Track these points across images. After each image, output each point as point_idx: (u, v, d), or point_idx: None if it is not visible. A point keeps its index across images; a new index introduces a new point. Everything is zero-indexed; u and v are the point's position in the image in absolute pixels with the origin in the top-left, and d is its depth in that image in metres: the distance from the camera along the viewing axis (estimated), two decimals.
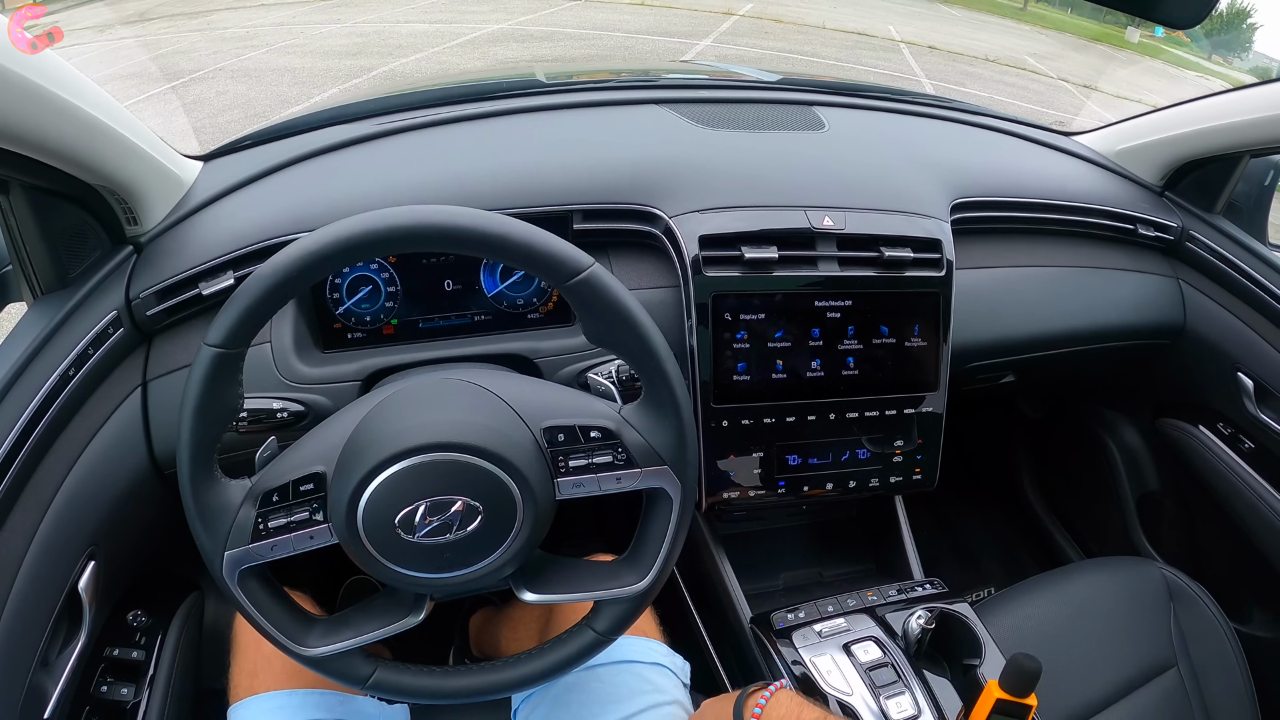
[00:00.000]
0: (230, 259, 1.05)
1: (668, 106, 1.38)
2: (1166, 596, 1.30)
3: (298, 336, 1.08)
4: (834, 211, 1.17)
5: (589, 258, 0.73)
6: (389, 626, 0.82)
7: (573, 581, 0.85)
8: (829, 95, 1.53)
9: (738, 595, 1.26)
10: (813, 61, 10.99)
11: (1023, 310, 1.35)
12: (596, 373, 1.08)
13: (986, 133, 1.56)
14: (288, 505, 0.75)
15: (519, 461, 0.74)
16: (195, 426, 0.73)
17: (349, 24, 11.35)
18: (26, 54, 0.77)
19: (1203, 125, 1.42)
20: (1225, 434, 1.50)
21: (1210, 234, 1.47)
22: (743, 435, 1.17)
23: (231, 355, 0.72)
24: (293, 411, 1.03)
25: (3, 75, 0.74)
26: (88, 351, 0.97)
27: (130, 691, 1.10)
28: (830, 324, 1.16)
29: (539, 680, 0.86)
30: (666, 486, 0.80)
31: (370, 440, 0.74)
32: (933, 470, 1.27)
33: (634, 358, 0.77)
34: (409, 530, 0.73)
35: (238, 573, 0.76)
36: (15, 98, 0.77)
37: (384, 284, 1.13)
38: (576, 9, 13.70)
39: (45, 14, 0.63)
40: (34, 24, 0.63)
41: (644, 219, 1.15)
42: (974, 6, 24.30)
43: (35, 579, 0.90)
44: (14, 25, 0.63)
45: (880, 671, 1.04)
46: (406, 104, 1.45)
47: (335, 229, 0.70)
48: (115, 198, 1.02)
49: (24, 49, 0.65)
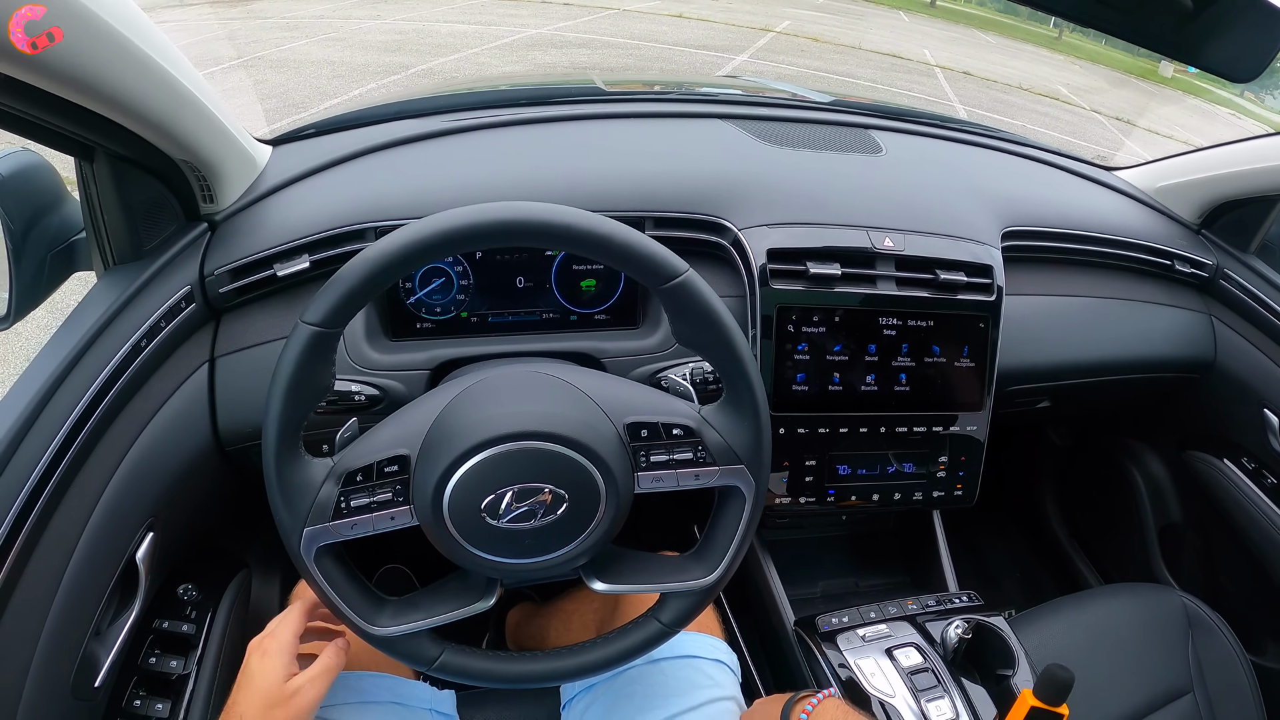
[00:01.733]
0: (306, 243, 1.07)
1: (731, 122, 1.41)
2: (1185, 624, 1.32)
3: (368, 323, 1.11)
4: (894, 233, 1.20)
5: (685, 263, 0.75)
6: (460, 610, 0.83)
7: (641, 573, 0.87)
8: (884, 119, 1.56)
9: (782, 599, 1.30)
10: (848, 82, 10.98)
11: (1062, 338, 1.38)
12: (675, 373, 1.11)
13: (1033, 163, 1.59)
14: (371, 485, 0.76)
15: (605, 454, 0.76)
16: (286, 402, 0.73)
17: (389, 20, 11.37)
18: (135, 19, 0.78)
19: (1241, 167, 1.45)
20: (1249, 468, 1.52)
21: (1244, 273, 1.49)
22: (798, 443, 1.20)
23: (329, 335, 0.72)
24: (369, 395, 1.05)
25: (117, 41, 0.76)
26: (160, 324, 0.98)
27: (179, 664, 1.11)
28: (885, 341, 1.19)
29: (603, 669, 0.87)
30: (741, 485, 0.82)
31: (459, 426, 0.76)
32: (973, 488, 1.30)
33: (720, 361, 0.79)
34: (494, 515, 0.75)
35: (315, 549, 0.77)
36: (125, 65, 0.78)
37: (457, 277, 1.15)
38: (615, 18, 13.69)
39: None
40: (34, 23, 0.63)
41: (713, 229, 1.19)
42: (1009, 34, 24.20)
43: (96, 546, 0.91)
44: (14, 25, 0.62)
45: (921, 676, 1.09)
46: (473, 103, 1.47)
47: (443, 218, 0.72)
48: (195, 174, 1.03)
49: (24, 49, 0.63)
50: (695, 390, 0.89)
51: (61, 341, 0.90)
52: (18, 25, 0.61)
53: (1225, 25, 0.70)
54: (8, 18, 0.61)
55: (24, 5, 0.60)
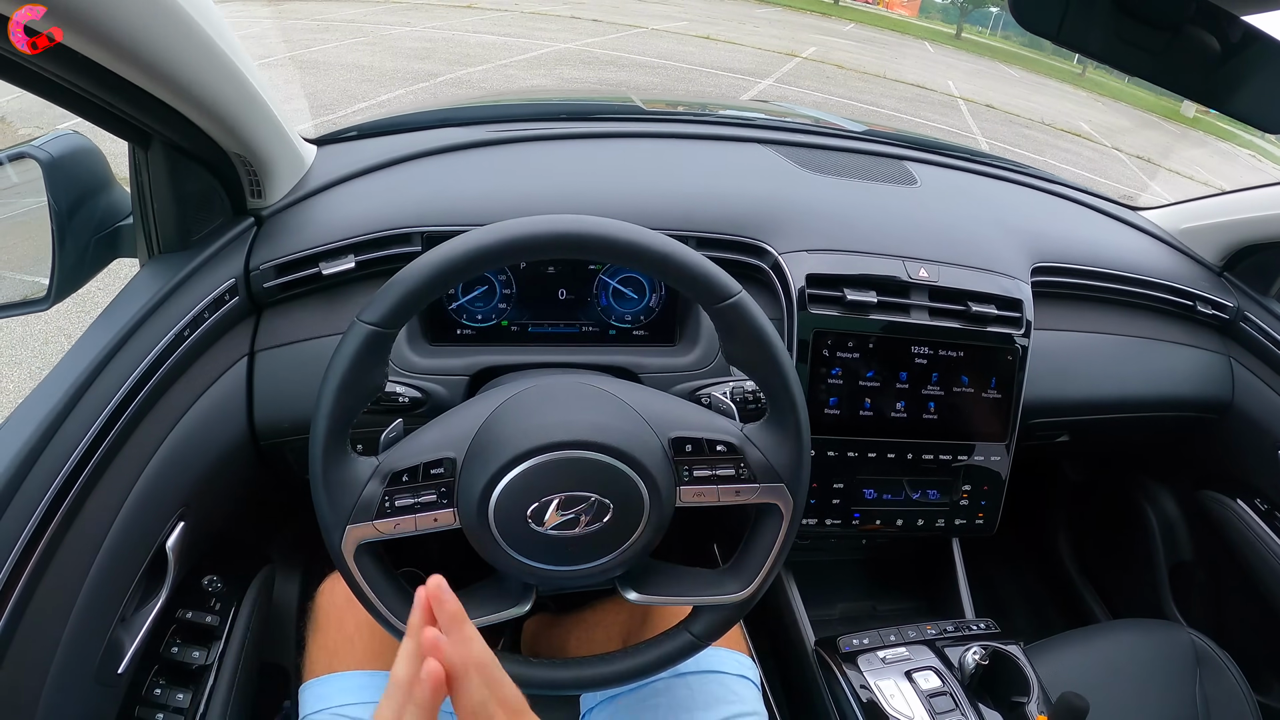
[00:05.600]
0: (352, 243, 1.08)
1: (769, 146, 1.43)
2: (1194, 662, 1.32)
3: (409, 327, 1.12)
4: (928, 264, 1.22)
5: (738, 284, 0.77)
6: (496, 614, 0.84)
7: (675, 586, 0.88)
8: (918, 151, 1.58)
9: (803, 619, 1.31)
10: (872, 110, 11.01)
11: (1085, 373, 1.39)
12: (718, 391, 1.12)
13: (1062, 200, 1.61)
14: (416, 487, 0.77)
15: (651, 466, 0.77)
16: (338, 399, 0.74)
17: (419, 28, 11.46)
18: (208, 10, 0.79)
19: (1264, 212, 1.47)
20: (1262, 510, 1.53)
21: (1264, 316, 1.51)
22: (827, 466, 1.22)
23: (385, 335, 0.73)
24: (412, 398, 1.07)
25: (188, 28, 0.77)
26: (203, 315, 0.99)
27: (201, 655, 1.12)
28: (916, 369, 1.21)
29: (633, 678, 0.88)
30: (780, 503, 0.83)
31: (508, 433, 0.77)
32: (994, 517, 1.32)
33: (767, 381, 0.81)
34: (539, 522, 0.76)
35: (356, 547, 0.77)
36: (196, 54, 0.79)
37: (500, 285, 1.16)
38: (643, 36, 13.77)
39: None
40: (34, 23, 0.62)
41: (754, 252, 1.20)
42: (1033, 68, 24.31)
43: (128, 532, 0.91)
44: (14, 25, 0.61)
45: (939, 699, 1.10)
46: (516, 115, 1.49)
47: (503, 228, 0.73)
48: (247, 168, 1.05)
49: (24, 49, 0.63)
50: (736, 409, 0.91)
51: (105, 326, 0.91)
52: (17, 25, 0.62)
53: (1253, 72, 0.70)
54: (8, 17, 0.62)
55: (25, 5, 0.60)
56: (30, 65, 0.71)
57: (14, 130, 5.31)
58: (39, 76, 0.74)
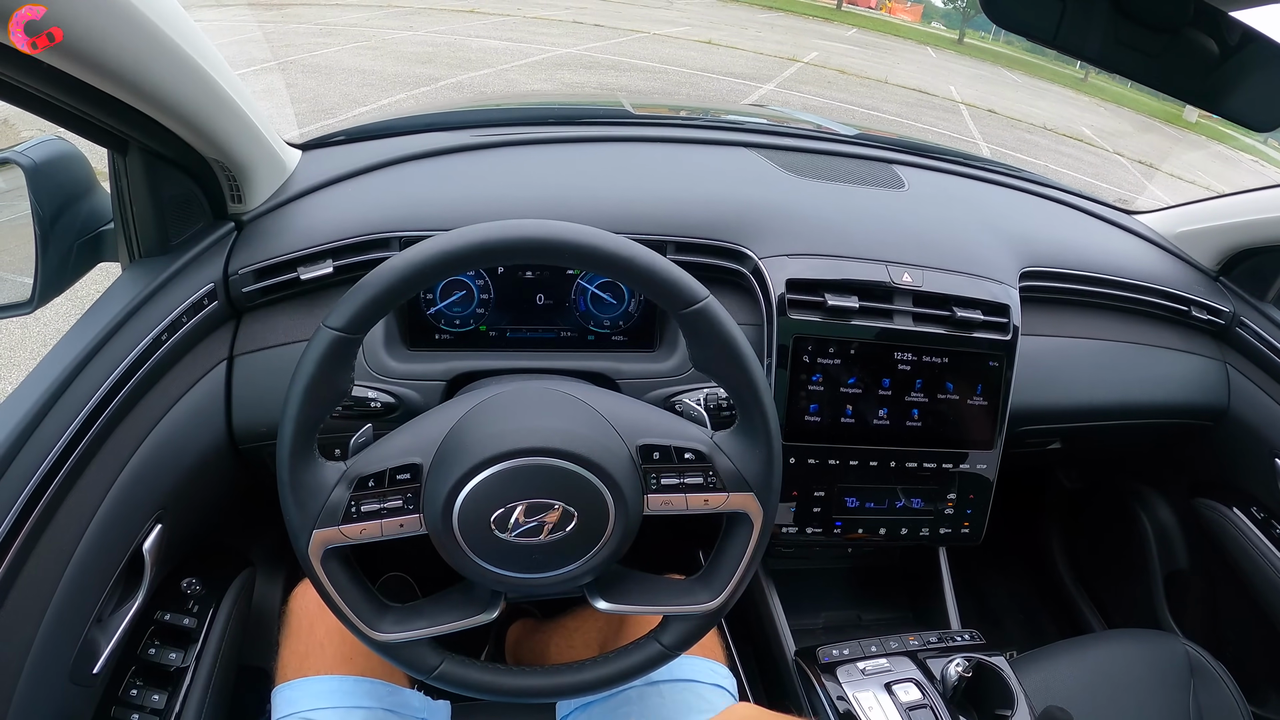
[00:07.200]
0: (331, 248, 1.08)
1: (755, 150, 1.42)
2: (1188, 672, 1.31)
3: (388, 331, 1.12)
4: (912, 269, 1.20)
5: (705, 290, 0.76)
6: (463, 620, 0.83)
7: (646, 594, 0.87)
8: (907, 155, 1.56)
9: (784, 628, 1.29)
10: (874, 115, 11.02)
11: (1076, 380, 1.37)
12: (689, 398, 1.11)
13: (1054, 204, 1.59)
14: (382, 492, 0.77)
15: (616, 474, 0.77)
16: (304, 404, 0.74)
17: (421, 32, 11.50)
18: (176, 17, 0.79)
19: (1261, 216, 1.46)
20: (1258, 518, 1.51)
21: (1260, 321, 1.49)
22: (807, 474, 1.20)
23: (350, 340, 0.73)
24: (385, 403, 1.06)
25: (158, 39, 0.77)
26: (182, 319, 0.99)
27: (178, 657, 1.12)
28: (899, 375, 1.19)
29: (602, 688, 0.87)
30: (750, 512, 0.82)
31: (473, 439, 0.76)
32: (980, 527, 1.30)
33: (735, 389, 0.80)
34: (503, 529, 0.75)
35: (323, 551, 0.77)
36: (163, 61, 0.79)
37: (478, 290, 1.16)
38: (645, 41, 13.80)
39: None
40: (34, 24, 0.62)
41: (734, 257, 1.19)
42: (1035, 73, 24.35)
43: (104, 534, 0.91)
44: (14, 25, 0.61)
45: (919, 712, 1.08)
46: (500, 119, 1.49)
47: (470, 232, 0.72)
48: (226, 173, 1.04)
49: (24, 49, 0.63)
50: (709, 416, 0.90)
51: (84, 329, 0.91)
52: (17, 25, 0.61)
53: (1249, 74, 0.69)
54: (9, 15, 0.61)
55: (25, 4, 0.60)
56: (2, 75, 0.70)
57: (16, 132, 5.31)
58: (10, 85, 0.73)
